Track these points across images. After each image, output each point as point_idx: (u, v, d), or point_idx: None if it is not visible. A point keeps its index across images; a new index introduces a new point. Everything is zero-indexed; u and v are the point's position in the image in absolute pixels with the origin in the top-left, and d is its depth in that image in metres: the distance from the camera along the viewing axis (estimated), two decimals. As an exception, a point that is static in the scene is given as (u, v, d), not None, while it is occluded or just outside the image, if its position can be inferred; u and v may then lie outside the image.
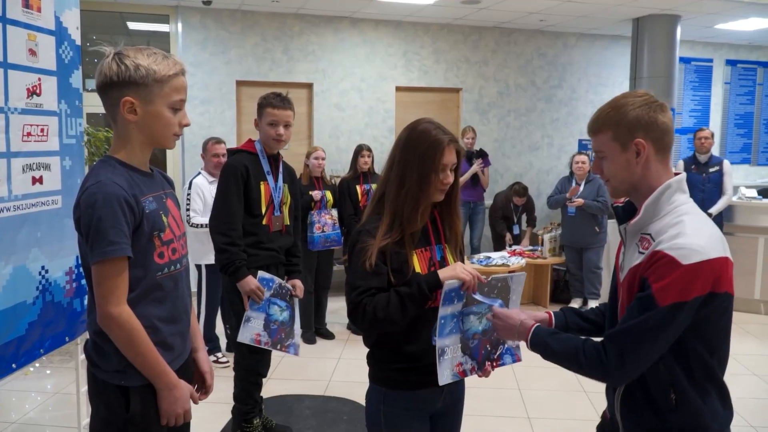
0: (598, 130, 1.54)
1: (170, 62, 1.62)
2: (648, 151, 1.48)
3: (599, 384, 1.51)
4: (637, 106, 1.49)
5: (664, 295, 1.37)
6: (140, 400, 1.66)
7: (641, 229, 1.50)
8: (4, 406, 3.87)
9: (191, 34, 6.43)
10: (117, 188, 1.57)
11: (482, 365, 1.89)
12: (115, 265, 1.56)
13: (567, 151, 7.65)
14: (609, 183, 1.57)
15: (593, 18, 6.91)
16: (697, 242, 1.38)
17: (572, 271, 6.09)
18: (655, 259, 1.40)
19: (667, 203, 1.47)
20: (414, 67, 7.20)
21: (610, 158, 1.53)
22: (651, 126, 1.48)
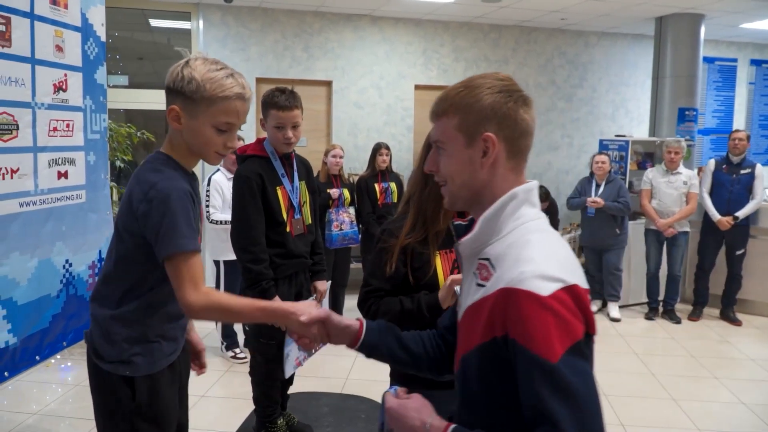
0: (442, 112, 1.19)
1: (228, 83, 1.56)
2: (497, 151, 1.15)
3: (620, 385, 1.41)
4: (495, 90, 1.15)
5: (551, 347, 1.00)
6: (146, 390, 1.68)
7: (478, 251, 1.16)
8: (26, 397, 3.92)
9: (212, 31, 6.46)
10: (183, 184, 1.59)
11: None
12: (188, 257, 1.55)
13: (587, 151, 7.58)
14: (445, 187, 1.23)
15: (615, 17, 6.84)
16: (550, 266, 1.05)
17: (592, 272, 6.03)
18: (507, 303, 1.05)
19: (511, 218, 1.14)
20: (433, 65, 7.17)
21: (450, 152, 1.18)
22: (507, 120, 1.15)
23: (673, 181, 5.62)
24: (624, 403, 3.92)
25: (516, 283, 1.04)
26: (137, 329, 1.67)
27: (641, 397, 4.04)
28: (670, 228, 5.56)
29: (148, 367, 1.68)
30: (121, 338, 1.67)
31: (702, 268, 5.83)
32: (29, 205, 2.61)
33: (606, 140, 6.73)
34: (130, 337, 1.67)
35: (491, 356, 1.08)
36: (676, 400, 3.99)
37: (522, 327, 1.02)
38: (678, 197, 5.59)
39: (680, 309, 5.96)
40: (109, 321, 1.68)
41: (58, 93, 2.74)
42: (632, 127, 7.94)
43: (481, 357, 1.11)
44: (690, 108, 6.76)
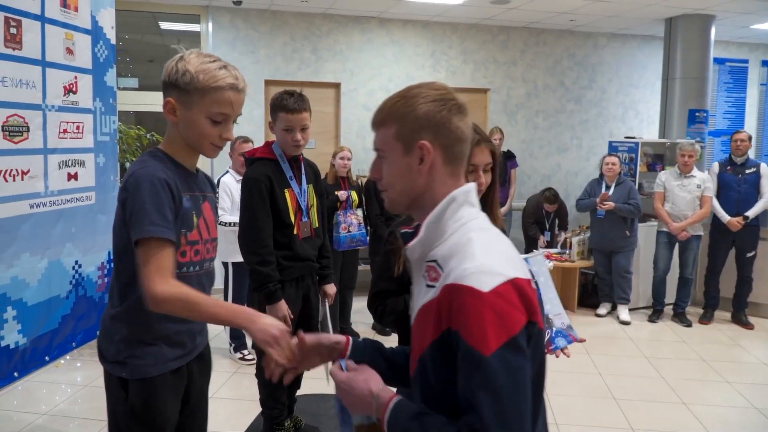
0: (381, 122, 1.24)
1: (221, 74, 1.59)
2: (434, 158, 1.19)
3: (629, 389, 1.39)
4: (429, 100, 1.20)
5: (485, 341, 1.04)
6: (139, 393, 1.67)
7: (426, 254, 1.21)
8: (35, 397, 3.94)
9: (221, 33, 6.49)
10: (164, 174, 1.59)
11: None
12: (157, 245, 1.53)
13: (596, 152, 7.55)
14: (386, 193, 1.26)
15: (624, 18, 6.81)
16: (490, 261, 1.10)
17: (601, 275, 6.00)
18: (451, 298, 1.09)
19: (453, 220, 1.19)
20: (442, 67, 7.17)
21: (390, 160, 1.23)
22: (441, 128, 1.19)
23: (686, 185, 5.58)
24: (634, 407, 3.89)
25: (459, 279, 1.09)
26: (135, 330, 1.66)
27: (651, 401, 4.01)
28: (684, 231, 5.52)
29: (142, 370, 1.66)
30: (118, 338, 1.67)
31: (712, 271, 5.78)
32: (39, 207, 2.62)
33: (615, 142, 6.69)
34: (126, 337, 1.67)
35: (445, 350, 1.11)
36: (687, 404, 3.96)
37: (462, 320, 1.07)
38: (691, 200, 5.55)
39: (691, 312, 5.92)
40: (109, 320, 1.69)
41: (68, 95, 2.76)
42: (642, 128, 7.90)
43: (435, 353, 1.14)
44: (700, 109, 6.72)
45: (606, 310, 5.99)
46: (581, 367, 4.59)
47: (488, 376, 1.03)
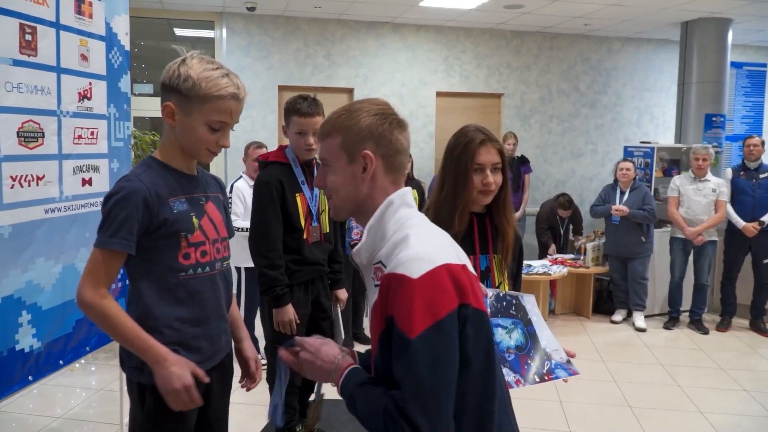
0: (327, 134, 1.33)
1: (223, 82, 1.60)
2: (376, 167, 1.28)
3: (645, 397, 1.39)
4: (372, 114, 1.30)
5: (411, 324, 1.13)
6: (154, 399, 1.67)
7: (372, 258, 1.29)
8: (50, 401, 3.98)
9: (235, 39, 6.53)
10: (139, 185, 1.60)
11: (528, 378, 1.84)
12: (106, 256, 1.58)
13: (611, 158, 7.49)
14: (331, 200, 1.36)
15: (639, 22, 6.77)
16: (423, 249, 1.18)
17: (616, 281, 5.94)
18: (388, 286, 1.19)
19: (392, 221, 1.27)
20: (455, 72, 7.16)
21: (335, 169, 1.32)
22: (382, 140, 1.29)
23: (701, 189, 5.51)
24: (649, 416, 3.84)
25: (394, 268, 1.18)
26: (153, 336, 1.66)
27: (667, 410, 3.96)
28: (699, 236, 5.46)
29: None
30: None
31: (729, 277, 5.71)
32: (54, 212, 2.64)
33: (631, 147, 6.64)
34: None
35: (389, 339, 1.19)
36: (704, 413, 3.90)
37: (395, 306, 1.16)
38: (707, 205, 5.48)
39: (708, 320, 5.84)
40: None
41: (82, 101, 2.78)
42: (658, 133, 7.83)
43: (383, 345, 1.21)
44: (717, 114, 6.64)
45: (621, 316, 5.92)
46: (596, 374, 4.55)
47: (411, 357, 1.12)
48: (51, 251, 2.63)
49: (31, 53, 2.42)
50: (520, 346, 1.82)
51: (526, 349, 1.82)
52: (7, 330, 2.43)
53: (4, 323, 2.42)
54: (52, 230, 2.63)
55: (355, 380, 1.26)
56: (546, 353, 1.89)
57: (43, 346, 2.63)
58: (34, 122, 2.48)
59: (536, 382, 1.84)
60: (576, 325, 5.87)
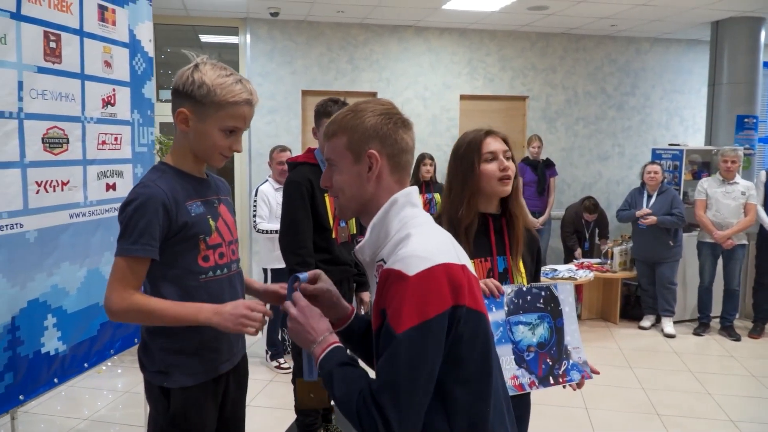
0: (332, 134, 1.33)
1: (237, 89, 1.61)
2: (381, 166, 1.29)
3: (674, 405, 1.37)
4: (377, 114, 1.30)
5: (399, 320, 1.14)
6: (181, 402, 1.68)
7: (375, 256, 1.30)
8: (78, 403, 4.04)
9: (259, 45, 6.58)
10: (158, 190, 1.61)
11: (544, 380, 1.83)
12: (134, 262, 1.58)
13: (639, 160, 7.37)
14: (337, 200, 1.37)
15: (668, 22, 6.64)
16: (422, 248, 1.19)
17: (644, 286, 5.82)
18: (385, 281, 1.20)
19: (396, 219, 1.28)
20: (479, 74, 7.11)
21: (340, 168, 1.33)
22: (387, 139, 1.29)
23: (730, 192, 5.38)
24: (678, 424, 3.75)
25: (392, 264, 1.19)
26: (173, 340, 1.68)
27: (697, 418, 3.86)
28: (729, 240, 5.32)
29: (184, 379, 1.68)
30: (157, 348, 1.69)
31: (761, 282, 5.56)
32: (79, 217, 2.68)
33: (659, 149, 6.52)
34: (165, 348, 1.69)
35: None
36: (735, 422, 3.79)
37: (389, 299, 1.17)
38: (736, 208, 5.35)
39: (740, 326, 5.70)
40: (146, 332, 1.71)
41: (106, 107, 2.82)
42: (687, 135, 7.68)
43: (379, 338, 1.22)
44: (749, 115, 6.48)
45: (650, 322, 5.81)
46: (624, 381, 4.46)
47: (394, 351, 1.14)
48: (76, 255, 2.67)
49: (55, 60, 2.46)
50: (542, 342, 1.82)
51: (548, 345, 1.82)
52: (32, 333, 2.47)
53: (30, 326, 2.45)
54: (77, 235, 2.67)
55: (336, 359, 1.27)
56: (566, 351, 1.88)
57: (68, 349, 2.66)
58: (58, 128, 2.52)
59: (550, 384, 1.83)
60: (603, 330, 5.77)
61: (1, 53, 2.22)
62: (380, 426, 1.13)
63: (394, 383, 1.14)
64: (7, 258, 2.30)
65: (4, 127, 2.26)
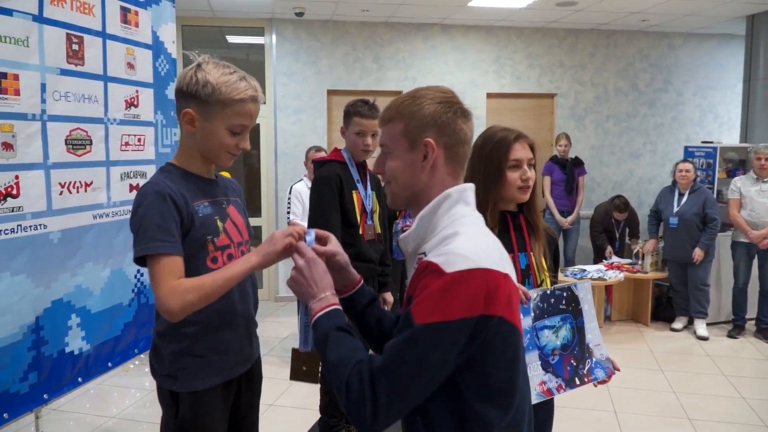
0: (389, 119, 1.29)
1: (242, 86, 1.59)
2: (437, 156, 1.24)
3: (706, 410, 1.32)
4: (436, 101, 1.25)
5: (422, 311, 1.10)
6: (190, 407, 1.67)
7: (418, 248, 1.26)
8: (106, 401, 4.09)
9: (284, 45, 6.60)
10: (165, 188, 1.58)
11: (571, 382, 1.81)
12: (158, 259, 1.52)
13: (672, 158, 7.19)
14: (389, 186, 1.32)
15: (701, 16, 6.47)
16: (467, 248, 1.13)
17: (676, 287, 5.68)
18: (420, 271, 1.17)
19: (446, 215, 1.23)
20: (506, 72, 7.02)
21: (394, 155, 1.28)
22: (445, 128, 1.24)
23: (765, 190, 5.21)
24: (710, 429, 3.65)
25: (432, 257, 1.15)
26: (182, 344, 1.66)
27: (730, 423, 3.74)
28: (765, 239, 5.16)
29: (193, 383, 1.66)
30: (166, 352, 1.68)
31: (799, 284, 5.37)
32: (102, 217, 2.70)
33: (692, 147, 6.35)
34: (175, 351, 1.67)
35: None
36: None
37: (419, 288, 1.14)
38: (772, 207, 5.18)
39: (776, 328, 5.52)
40: (157, 336, 1.71)
41: (129, 109, 2.84)
42: (722, 132, 7.47)
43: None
44: (787, 111, 6.27)
45: (682, 324, 5.66)
46: (654, 384, 4.35)
47: (406, 339, 1.11)
48: (99, 256, 2.70)
49: (78, 62, 2.49)
50: (566, 344, 1.80)
51: (571, 346, 1.81)
52: (57, 333, 2.51)
53: (54, 326, 2.49)
54: (101, 235, 2.70)
55: (334, 321, 1.24)
56: (588, 349, 1.88)
57: (92, 348, 2.70)
58: (81, 130, 2.55)
59: (576, 385, 1.81)
60: (634, 332, 5.65)
61: (24, 56, 2.25)
62: (368, 403, 1.10)
63: (395, 370, 1.11)
64: (31, 258, 2.34)
65: (27, 129, 2.29)
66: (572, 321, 1.84)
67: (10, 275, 2.26)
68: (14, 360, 2.30)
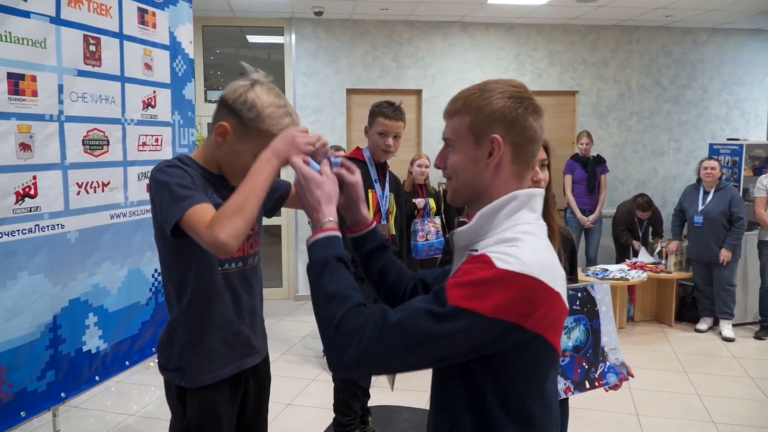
0: (455, 112, 1.21)
1: (285, 122, 1.56)
2: (503, 154, 1.16)
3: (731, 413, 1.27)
4: (506, 96, 1.17)
5: (457, 293, 1.04)
6: (196, 402, 1.66)
7: (470, 244, 1.18)
8: (126, 398, 4.13)
9: (304, 44, 6.60)
10: (176, 162, 1.57)
11: (580, 385, 1.77)
12: (192, 211, 1.46)
13: (696, 156, 7.05)
14: (450, 182, 1.25)
15: (727, 11, 6.33)
16: (523, 254, 1.06)
17: (700, 287, 5.57)
18: (466, 261, 1.11)
19: (508, 218, 1.15)
20: (527, 70, 6.95)
21: (458, 150, 1.21)
22: (514, 125, 1.17)
23: (793, 188, 5.09)
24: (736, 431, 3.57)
25: (484, 250, 1.10)
26: (193, 334, 1.66)
27: (756, 427, 3.65)
28: None
29: (200, 378, 1.66)
30: (175, 345, 1.67)
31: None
32: (119, 217, 2.72)
33: (717, 144, 6.22)
34: (183, 344, 1.67)
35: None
36: (799, 433, 3.57)
37: (461, 272, 1.08)
38: (799, 206, 5.05)
39: (806, 330, 5.38)
40: (165, 328, 1.71)
41: (146, 109, 2.86)
42: (749, 129, 7.31)
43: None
44: (816, 107, 6.11)
45: (707, 325, 5.55)
46: (678, 387, 4.27)
47: (428, 311, 1.04)
48: (117, 255, 2.73)
49: (95, 64, 2.51)
50: (578, 345, 1.76)
51: (584, 348, 1.76)
52: (74, 332, 2.53)
53: (72, 325, 2.51)
54: (118, 235, 2.72)
55: (337, 250, 1.19)
56: (603, 353, 1.83)
57: (109, 347, 2.72)
58: (98, 130, 2.57)
59: (586, 389, 1.77)
60: (657, 333, 5.55)
61: (42, 57, 2.28)
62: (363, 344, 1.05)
63: (408, 333, 1.05)
64: (48, 258, 2.36)
65: (44, 130, 2.31)
66: (587, 322, 1.80)
67: (27, 274, 2.29)
68: (32, 358, 2.33)
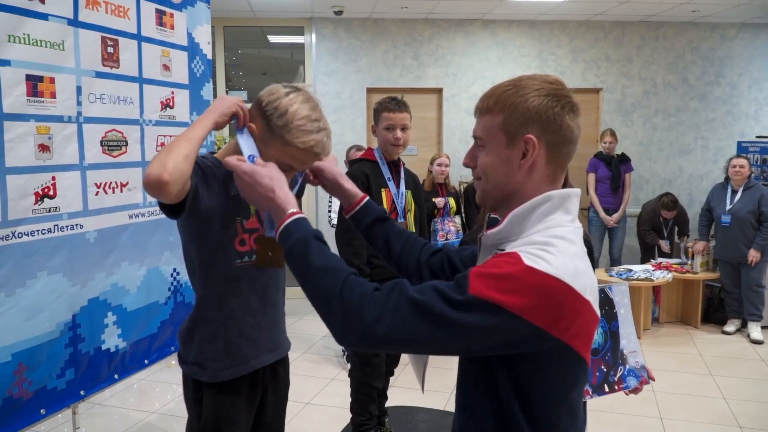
0: (487, 109, 1.14)
1: (312, 138, 1.52)
2: (537, 155, 1.10)
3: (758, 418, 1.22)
4: (543, 93, 1.10)
5: (480, 284, 0.98)
6: (212, 398, 1.66)
7: (498, 244, 1.13)
8: (149, 396, 4.17)
9: (324, 43, 6.61)
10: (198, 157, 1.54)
11: (599, 389, 1.73)
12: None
13: (725, 154, 6.90)
14: (479, 183, 1.18)
15: (756, 6, 6.17)
16: (554, 258, 1.00)
17: (728, 288, 5.44)
18: (495, 256, 1.07)
19: (541, 221, 1.09)
20: (549, 67, 6.86)
21: (489, 150, 1.14)
22: (550, 125, 1.09)
23: (824, 187, 4.94)
24: (763, 439, 3.47)
25: (512, 248, 1.05)
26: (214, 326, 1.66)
27: (785, 434, 3.56)
28: None
29: (218, 373, 1.66)
30: (198, 337, 1.67)
31: None
32: (138, 217, 2.75)
33: (745, 142, 6.08)
34: (203, 338, 1.67)
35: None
36: (829, 439, 3.47)
37: (486, 264, 1.04)
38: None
39: (838, 332, 5.23)
40: (187, 321, 1.71)
41: (165, 110, 2.88)
42: (779, 126, 7.14)
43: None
44: None
45: (735, 327, 5.42)
46: (704, 390, 4.18)
47: (446, 298, 0.99)
48: (135, 255, 2.75)
49: (113, 65, 2.53)
50: (596, 348, 1.74)
51: (602, 351, 1.73)
52: (93, 330, 2.56)
53: (91, 324, 2.54)
54: (136, 235, 2.75)
55: (311, 229, 1.18)
56: (622, 356, 1.80)
57: (128, 346, 2.75)
58: (117, 131, 2.59)
59: (605, 392, 1.74)
60: (683, 335, 5.44)
61: (60, 59, 2.30)
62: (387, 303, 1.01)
63: (423, 313, 1.00)
64: (67, 258, 2.39)
65: (63, 131, 2.34)
66: (605, 325, 1.76)
67: (47, 274, 2.31)
68: (51, 357, 2.35)
